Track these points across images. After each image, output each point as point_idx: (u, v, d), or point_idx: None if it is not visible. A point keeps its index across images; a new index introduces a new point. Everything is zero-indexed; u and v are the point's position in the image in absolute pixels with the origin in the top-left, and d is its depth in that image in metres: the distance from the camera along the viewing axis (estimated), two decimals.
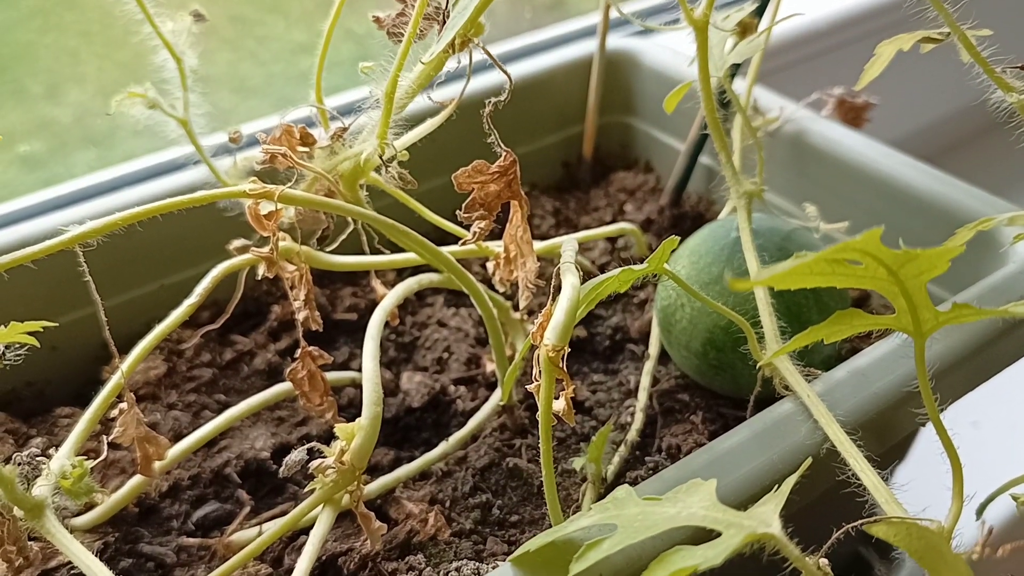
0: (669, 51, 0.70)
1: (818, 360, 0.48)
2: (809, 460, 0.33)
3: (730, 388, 0.50)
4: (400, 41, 0.41)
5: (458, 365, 0.56)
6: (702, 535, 0.29)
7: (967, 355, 0.42)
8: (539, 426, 0.34)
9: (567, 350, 0.33)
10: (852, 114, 0.63)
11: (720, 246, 0.50)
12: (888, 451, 0.53)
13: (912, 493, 0.39)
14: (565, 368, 0.34)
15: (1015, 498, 0.38)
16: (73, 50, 0.88)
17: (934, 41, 0.38)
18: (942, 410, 0.44)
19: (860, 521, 0.30)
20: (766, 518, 0.29)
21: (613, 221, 0.67)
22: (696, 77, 0.47)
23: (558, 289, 0.37)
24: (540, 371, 0.33)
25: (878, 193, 0.57)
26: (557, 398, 0.34)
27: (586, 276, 0.39)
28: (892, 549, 0.69)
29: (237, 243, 0.49)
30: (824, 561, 0.31)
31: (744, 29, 0.52)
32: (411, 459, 0.50)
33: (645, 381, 0.53)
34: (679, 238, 0.39)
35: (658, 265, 0.38)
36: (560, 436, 0.51)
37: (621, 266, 0.38)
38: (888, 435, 0.41)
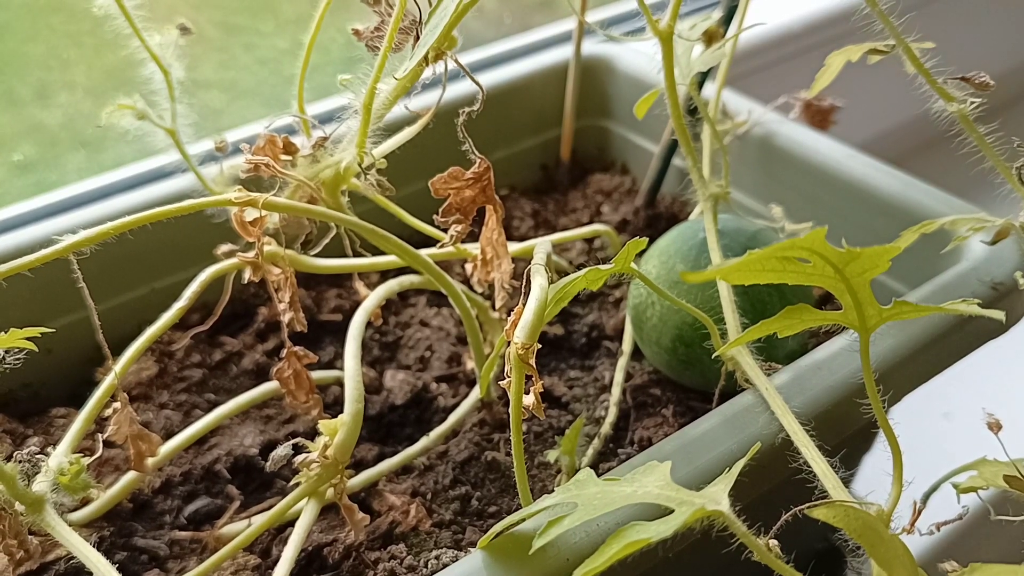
0: (644, 56, 0.72)
1: (781, 355, 0.51)
2: (758, 445, 0.35)
3: (699, 382, 0.52)
4: (378, 53, 0.43)
5: (440, 363, 0.58)
6: (658, 513, 0.31)
7: (917, 350, 0.44)
8: (510, 419, 0.36)
9: (537, 347, 0.35)
10: (819, 117, 0.65)
11: (688, 246, 0.52)
12: (856, 443, 0.56)
13: (875, 481, 0.41)
14: (535, 365, 0.36)
15: (955, 487, 0.40)
16: (62, 54, 0.89)
17: (880, 53, 0.40)
18: (895, 402, 0.47)
19: (805, 505, 0.32)
20: (716, 496, 0.31)
21: (590, 222, 0.69)
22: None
23: (529, 289, 0.39)
24: (511, 368, 0.35)
25: (842, 194, 0.59)
26: (527, 393, 0.36)
27: (563, 275, 0.41)
28: None
29: (224, 248, 0.50)
30: (774, 542, 0.33)
31: (710, 37, 0.54)
32: (394, 454, 0.52)
33: (618, 377, 0.55)
34: (646, 239, 0.41)
35: (624, 265, 0.40)
36: (537, 431, 0.53)
37: (597, 265, 0.40)
38: (843, 426, 0.43)
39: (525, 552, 0.34)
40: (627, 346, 0.57)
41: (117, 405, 0.45)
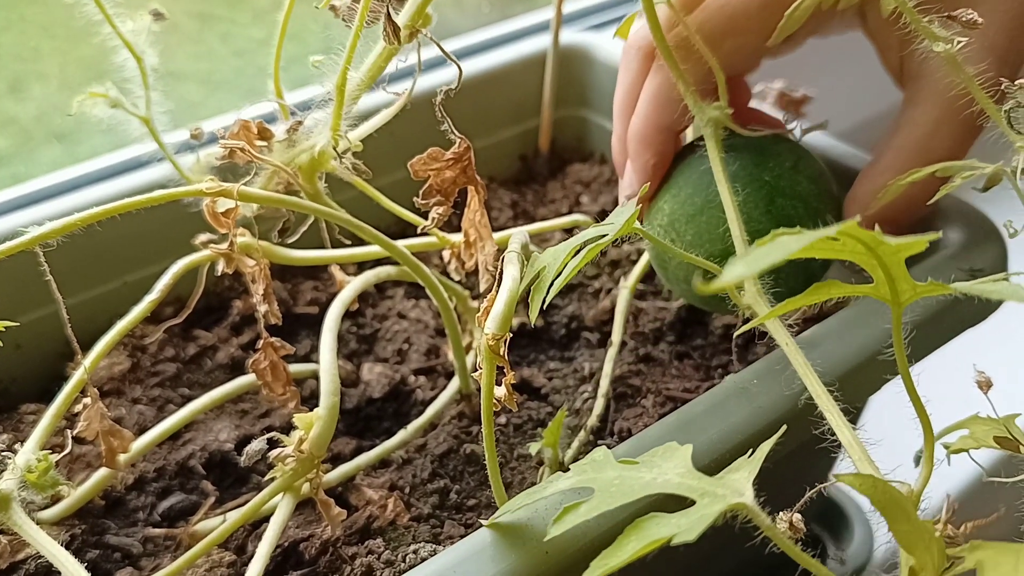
0: (622, 44, 0.71)
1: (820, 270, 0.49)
2: (784, 428, 0.34)
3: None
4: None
5: (418, 355, 0.58)
6: (673, 498, 0.30)
7: (930, 318, 0.44)
8: (481, 411, 0.36)
9: (509, 336, 0.35)
10: (791, 106, 0.65)
11: (698, 174, 0.49)
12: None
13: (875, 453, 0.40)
14: (514, 355, 0.36)
15: (946, 447, 0.40)
16: (35, 45, 0.88)
17: None
18: (876, 390, 0.47)
19: (835, 475, 0.30)
20: (739, 486, 0.29)
21: (569, 212, 0.68)
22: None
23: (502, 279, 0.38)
24: (482, 359, 0.35)
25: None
26: (499, 385, 0.36)
27: None
28: (842, 527, 0.71)
29: (202, 237, 0.49)
30: (798, 517, 0.32)
31: None
32: (372, 448, 0.51)
33: (607, 368, 0.54)
34: (638, 208, 0.39)
35: (627, 227, 0.39)
36: (517, 423, 0.53)
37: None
38: (856, 394, 0.42)
39: (512, 542, 0.34)
40: (617, 336, 0.56)
41: (87, 400, 0.44)
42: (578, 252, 0.38)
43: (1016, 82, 0.36)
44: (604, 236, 0.38)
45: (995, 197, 0.42)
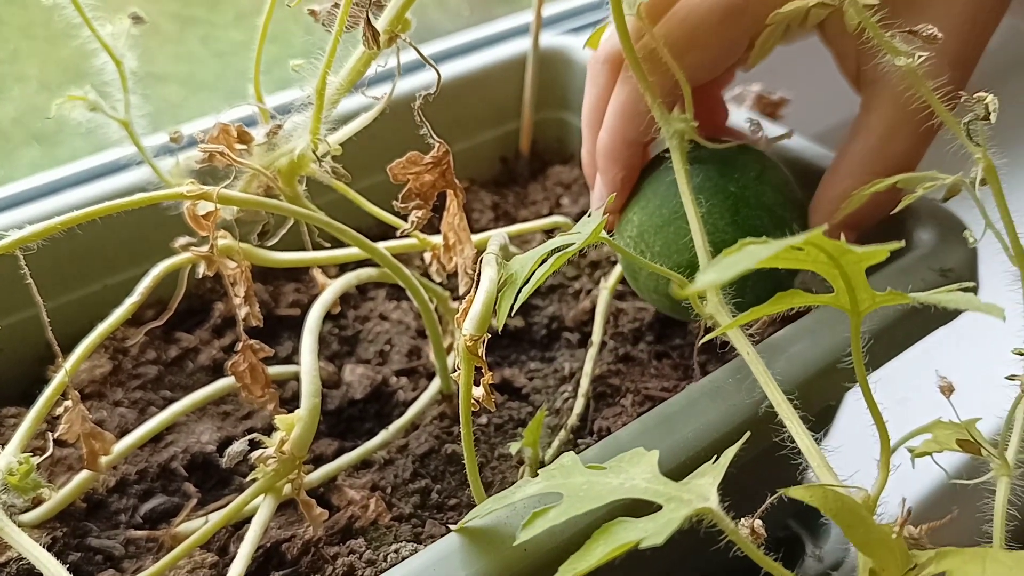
0: None
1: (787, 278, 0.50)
2: (748, 434, 0.34)
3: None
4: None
5: (400, 357, 0.58)
6: (641, 503, 0.30)
7: (875, 334, 0.45)
8: (460, 412, 0.36)
9: (487, 337, 0.35)
10: (769, 109, 0.66)
11: (665, 186, 0.50)
12: (812, 427, 0.56)
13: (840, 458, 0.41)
14: (495, 356, 0.36)
15: (910, 451, 0.40)
16: (14, 47, 0.88)
17: (827, 7, 0.40)
18: (850, 388, 0.47)
19: (784, 490, 0.31)
20: (704, 491, 0.30)
21: (550, 214, 0.69)
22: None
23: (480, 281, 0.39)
24: (459, 360, 0.35)
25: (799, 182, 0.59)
26: (477, 385, 0.36)
27: None
28: (818, 519, 0.71)
29: (182, 240, 0.49)
30: (759, 523, 0.33)
31: None
32: (354, 448, 0.51)
33: (588, 367, 0.55)
34: (605, 217, 0.40)
35: (593, 237, 0.39)
36: (498, 422, 0.53)
37: (564, 244, 0.39)
38: (816, 401, 0.43)
39: (485, 544, 0.34)
40: (597, 336, 0.57)
41: (68, 403, 0.44)
42: (544, 261, 0.38)
43: (975, 95, 0.36)
44: (571, 245, 0.39)
45: (964, 202, 0.43)
